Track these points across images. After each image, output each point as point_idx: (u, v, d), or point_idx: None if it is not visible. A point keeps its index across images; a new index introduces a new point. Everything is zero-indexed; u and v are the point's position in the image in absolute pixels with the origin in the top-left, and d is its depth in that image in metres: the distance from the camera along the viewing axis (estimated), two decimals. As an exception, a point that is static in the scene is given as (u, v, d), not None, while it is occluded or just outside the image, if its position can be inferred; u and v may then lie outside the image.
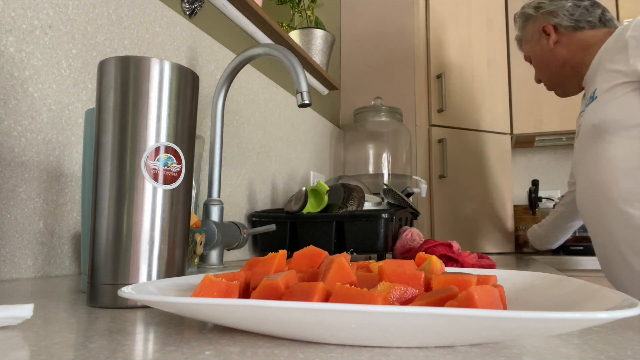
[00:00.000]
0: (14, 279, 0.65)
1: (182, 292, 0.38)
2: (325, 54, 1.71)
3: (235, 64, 0.98)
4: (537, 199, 2.51)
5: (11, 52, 0.67)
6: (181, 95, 0.45)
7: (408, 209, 1.36)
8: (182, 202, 0.45)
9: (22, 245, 0.67)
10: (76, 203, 0.75)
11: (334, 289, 0.30)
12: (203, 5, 1.13)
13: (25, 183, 0.68)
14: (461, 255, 0.90)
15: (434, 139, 2.13)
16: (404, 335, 0.26)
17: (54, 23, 0.74)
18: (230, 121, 1.22)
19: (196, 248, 0.75)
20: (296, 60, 0.90)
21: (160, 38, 0.97)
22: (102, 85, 0.44)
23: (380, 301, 0.28)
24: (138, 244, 0.42)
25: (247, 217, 1.28)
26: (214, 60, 1.16)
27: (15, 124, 0.67)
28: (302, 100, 0.90)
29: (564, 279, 0.39)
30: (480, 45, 2.32)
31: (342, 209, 1.22)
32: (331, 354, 0.26)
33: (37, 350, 0.26)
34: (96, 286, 0.42)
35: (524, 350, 0.27)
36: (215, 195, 0.98)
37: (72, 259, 0.74)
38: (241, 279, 0.37)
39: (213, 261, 0.94)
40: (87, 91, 0.79)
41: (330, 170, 1.95)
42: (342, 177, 1.57)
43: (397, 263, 0.37)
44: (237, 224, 0.99)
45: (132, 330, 0.32)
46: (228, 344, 0.28)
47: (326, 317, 0.25)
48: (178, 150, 0.44)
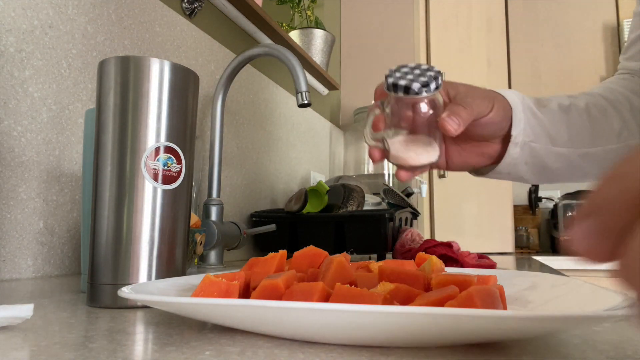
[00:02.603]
0: (14, 279, 0.65)
1: (182, 292, 0.38)
2: (325, 54, 1.71)
3: (235, 64, 0.98)
4: (537, 199, 2.51)
5: (11, 52, 0.67)
6: (181, 95, 0.45)
7: (408, 209, 1.36)
8: (182, 202, 0.45)
9: (22, 245, 0.67)
10: (76, 203, 0.75)
11: (334, 289, 0.30)
12: (203, 5, 1.13)
13: (25, 183, 0.68)
14: (461, 255, 0.90)
15: (434, 139, 2.13)
16: (404, 335, 0.26)
17: (54, 23, 0.74)
18: (230, 121, 1.22)
19: (196, 248, 0.75)
20: (296, 60, 0.90)
21: (160, 38, 0.97)
22: (102, 85, 0.44)
23: (380, 301, 0.28)
24: (138, 244, 0.42)
25: (247, 217, 1.28)
26: (214, 60, 1.16)
27: (15, 124, 0.67)
28: (302, 100, 0.90)
29: (563, 279, 0.39)
30: (480, 45, 2.32)
31: (342, 209, 1.22)
32: (331, 354, 0.26)
33: (37, 350, 0.26)
34: (96, 286, 0.42)
35: (524, 350, 0.27)
36: (215, 195, 0.98)
37: (72, 259, 0.74)
38: (241, 279, 0.37)
39: (213, 261, 0.94)
40: (87, 91, 0.79)
41: (330, 170, 1.95)
42: (342, 177, 1.57)
43: (397, 263, 0.37)
44: (237, 224, 0.99)
45: (132, 330, 0.32)
46: (228, 344, 0.28)
47: (326, 317, 0.25)
48: (178, 150, 0.44)
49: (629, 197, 0.15)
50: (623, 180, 0.15)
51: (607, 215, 0.15)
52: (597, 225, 0.15)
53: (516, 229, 2.35)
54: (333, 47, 1.77)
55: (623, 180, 0.15)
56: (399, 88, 0.46)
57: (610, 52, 2.41)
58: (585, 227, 0.15)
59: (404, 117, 0.48)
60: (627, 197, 0.15)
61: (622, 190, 0.15)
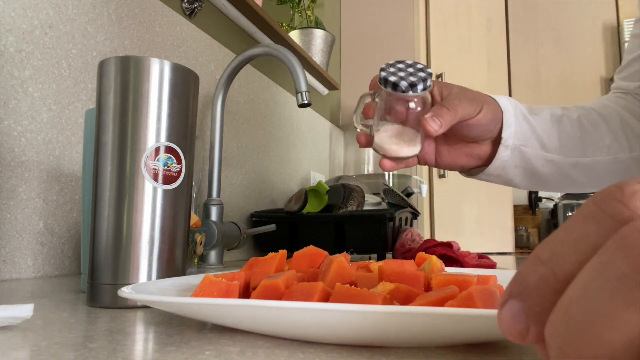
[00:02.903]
0: (14, 279, 0.65)
1: (182, 292, 0.38)
2: (325, 54, 1.71)
3: (235, 64, 0.98)
4: (537, 199, 2.52)
5: (11, 52, 0.67)
6: (181, 95, 0.45)
7: (408, 209, 1.36)
8: (182, 202, 0.45)
9: (22, 245, 0.67)
10: (76, 203, 0.75)
11: (334, 289, 0.30)
12: (203, 5, 1.13)
13: (25, 183, 0.68)
14: (461, 255, 0.90)
15: (434, 139, 2.13)
16: (404, 335, 0.26)
17: (54, 23, 0.74)
18: (230, 121, 1.22)
19: (196, 248, 0.75)
20: (296, 60, 0.90)
21: (160, 38, 0.97)
22: (102, 85, 0.44)
23: (380, 301, 0.28)
24: (138, 244, 0.42)
25: (247, 217, 1.28)
26: (214, 60, 1.16)
27: (15, 124, 0.67)
28: (302, 100, 0.90)
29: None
30: (480, 45, 2.32)
31: (342, 209, 1.22)
32: (331, 354, 0.26)
33: (37, 350, 0.26)
34: (96, 286, 0.42)
35: (524, 350, 0.27)
36: (215, 195, 0.98)
37: (72, 259, 0.74)
38: (241, 279, 0.37)
39: (213, 261, 0.94)
40: (87, 91, 0.79)
41: (330, 170, 1.95)
42: (342, 177, 1.57)
43: (397, 263, 0.37)
44: (237, 224, 0.99)
45: (132, 330, 0.32)
46: (228, 344, 0.28)
47: (326, 317, 0.25)
48: (178, 150, 0.44)
49: (550, 283, 0.15)
50: (544, 265, 0.15)
51: (528, 300, 0.15)
52: (521, 308, 0.15)
53: (516, 229, 2.35)
54: (333, 47, 1.77)
55: (544, 265, 0.15)
56: (388, 83, 0.49)
57: (610, 52, 2.41)
58: (510, 310, 0.16)
59: (391, 110, 0.51)
60: (548, 282, 0.15)
61: (542, 276, 0.15)
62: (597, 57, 2.41)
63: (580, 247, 0.15)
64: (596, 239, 0.15)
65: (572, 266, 0.15)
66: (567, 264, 0.15)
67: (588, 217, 0.15)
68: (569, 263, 0.15)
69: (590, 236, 0.15)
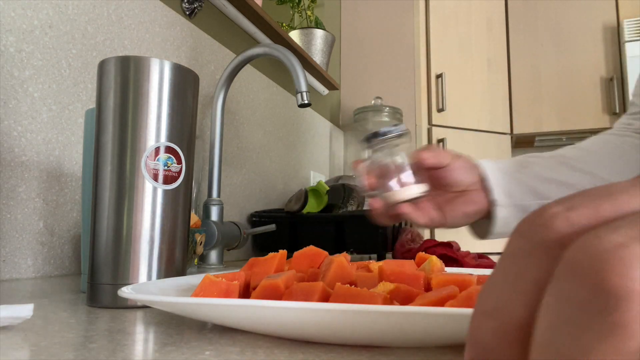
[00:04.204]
0: (14, 279, 0.65)
1: (182, 292, 0.38)
2: (325, 54, 1.71)
3: (235, 64, 0.98)
4: (537, 199, 2.51)
5: (11, 52, 0.67)
6: (181, 95, 0.45)
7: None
8: (182, 202, 0.45)
9: (22, 245, 0.67)
10: (76, 203, 0.75)
11: (334, 289, 0.30)
12: (203, 5, 1.13)
13: (25, 183, 0.68)
14: (461, 255, 0.90)
15: (434, 139, 2.13)
16: (404, 335, 0.26)
17: (54, 23, 0.74)
18: (230, 121, 1.22)
19: (196, 248, 0.75)
20: (296, 60, 0.90)
21: (160, 38, 0.97)
22: (102, 85, 0.44)
23: (380, 301, 0.28)
24: (138, 244, 0.42)
25: (247, 217, 1.28)
26: (214, 60, 1.16)
27: (15, 124, 0.67)
28: (302, 100, 0.90)
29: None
30: (480, 45, 2.32)
31: (342, 209, 1.22)
32: (331, 354, 0.26)
33: (37, 350, 0.26)
34: (96, 286, 0.42)
35: (524, 350, 0.27)
36: (215, 195, 0.98)
37: (72, 259, 0.74)
38: (241, 279, 0.37)
39: (213, 261, 0.94)
40: (87, 91, 0.79)
41: (330, 170, 1.95)
42: (342, 177, 1.57)
43: (397, 263, 0.37)
44: (237, 224, 0.99)
45: (132, 330, 0.32)
46: (228, 344, 0.28)
47: (326, 317, 0.25)
48: (178, 150, 0.44)
49: (505, 336, 0.14)
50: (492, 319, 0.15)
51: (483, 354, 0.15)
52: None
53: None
54: (333, 47, 1.77)
55: (492, 318, 0.15)
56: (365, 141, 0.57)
57: (610, 52, 2.41)
58: None
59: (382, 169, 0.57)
60: (503, 336, 0.14)
61: (494, 331, 0.15)
62: (597, 57, 2.41)
63: (521, 286, 0.14)
64: (535, 273, 0.14)
65: (520, 310, 0.14)
66: (514, 310, 0.14)
67: (518, 252, 0.15)
68: (516, 308, 0.14)
69: (527, 272, 0.14)
